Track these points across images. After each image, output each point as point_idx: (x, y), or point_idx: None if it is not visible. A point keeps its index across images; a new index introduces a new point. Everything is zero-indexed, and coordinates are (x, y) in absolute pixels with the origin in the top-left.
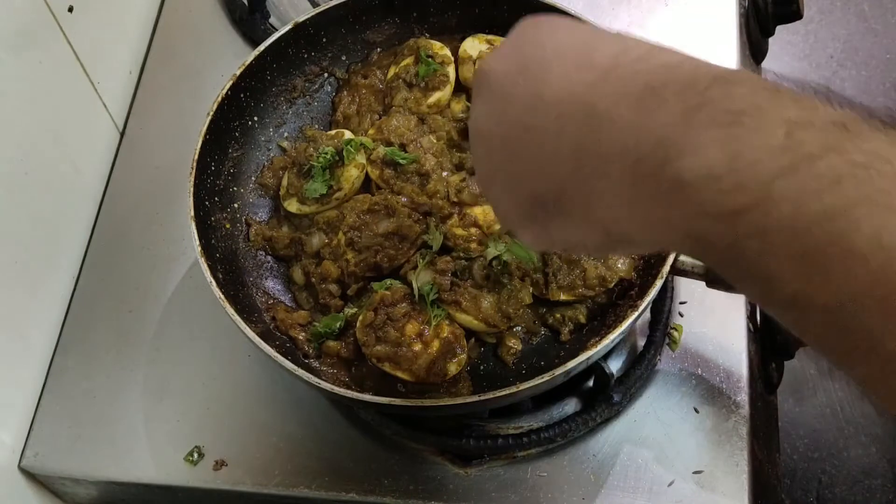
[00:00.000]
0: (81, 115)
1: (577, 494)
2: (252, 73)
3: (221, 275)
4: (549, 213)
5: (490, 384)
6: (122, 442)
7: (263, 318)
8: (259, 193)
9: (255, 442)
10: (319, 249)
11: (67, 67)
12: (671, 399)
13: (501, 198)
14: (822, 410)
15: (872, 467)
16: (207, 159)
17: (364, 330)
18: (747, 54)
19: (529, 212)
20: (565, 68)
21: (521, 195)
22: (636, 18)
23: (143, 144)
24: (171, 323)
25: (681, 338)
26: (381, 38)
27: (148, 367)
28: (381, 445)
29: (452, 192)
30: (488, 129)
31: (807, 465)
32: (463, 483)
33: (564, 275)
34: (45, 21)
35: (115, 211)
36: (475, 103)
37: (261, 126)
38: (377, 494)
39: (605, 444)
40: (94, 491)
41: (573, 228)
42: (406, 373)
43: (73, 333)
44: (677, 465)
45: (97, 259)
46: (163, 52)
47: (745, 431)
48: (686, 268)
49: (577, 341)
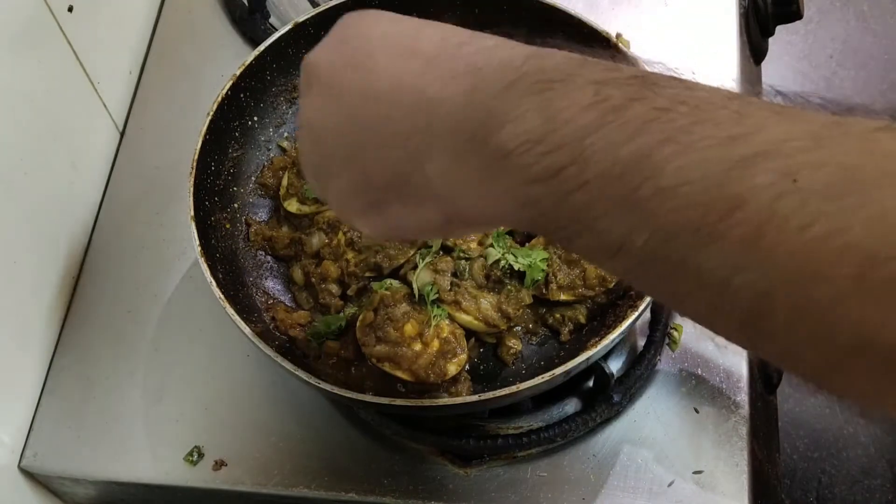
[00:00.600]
0: (81, 115)
1: (577, 494)
2: (252, 73)
3: (221, 275)
4: (387, 199)
5: (490, 384)
6: (122, 442)
7: (263, 318)
8: (259, 193)
9: (254, 442)
10: (319, 249)
11: (67, 67)
12: (671, 399)
13: (337, 190)
14: (822, 410)
15: (872, 467)
16: (207, 159)
17: (364, 330)
18: (747, 54)
19: (367, 201)
20: (391, 58)
21: (358, 185)
22: (636, 18)
23: (143, 144)
24: (171, 323)
25: (681, 338)
26: None
27: (148, 367)
28: (381, 445)
29: None
30: (320, 123)
31: (807, 465)
32: (463, 483)
33: (564, 275)
34: (45, 21)
35: (115, 211)
36: (304, 98)
37: (261, 126)
38: (377, 494)
39: (605, 444)
40: (94, 491)
41: (411, 214)
42: (406, 373)
43: (73, 333)
44: (677, 465)
45: (97, 259)
46: (163, 52)
47: (745, 431)
48: None
49: (577, 341)
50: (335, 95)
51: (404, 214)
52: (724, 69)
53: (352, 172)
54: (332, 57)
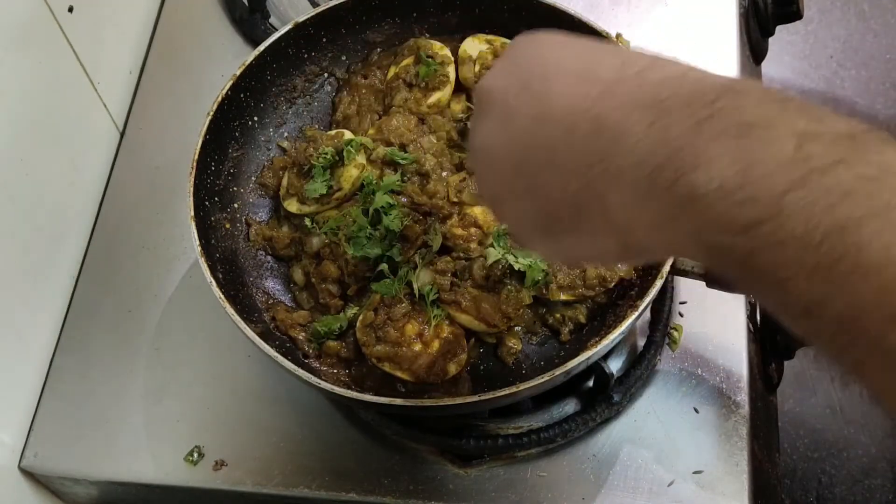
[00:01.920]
0: (81, 115)
1: (577, 494)
2: (252, 73)
3: (221, 275)
4: (564, 227)
5: (490, 384)
6: (122, 442)
7: (263, 318)
8: (259, 193)
9: (255, 442)
10: (319, 249)
11: (67, 67)
12: (671, 399)
13: (513, 215)
14: (822, 410)
15: (872, 467)
16: (207, 159)
17: (364, 330)
18: (747, 54)
19: (543, 227)
20: (569, 82)
21: (534, 211)
22: (636, 18)
23: (143, 144)
24: (171, 323)
25: (681, 338)
26: (381, 38)
27: (148, 367)
28: (381, 445)
29: (452, 192)
30: (494, 147)
31: (807, 465)
32: (463, 483)
33: (564, 275)
34: (45, 21)
35: (115, 211)
36: (477, 121)
37: (261, 126)
38: (377, 494)
39: (605, 444)
40: (94, 491)
41: (588, 242)
42: (406, 373)
43: (73, 333)
44: (677, 465)
45: (97, 259)
46: (163, 52)
47: (745, 431)
48: (686, 268)
49: (577, 341)
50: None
51: (582, 243)
52: (724, 69)
53: (528, 200)
54: (505, 80)
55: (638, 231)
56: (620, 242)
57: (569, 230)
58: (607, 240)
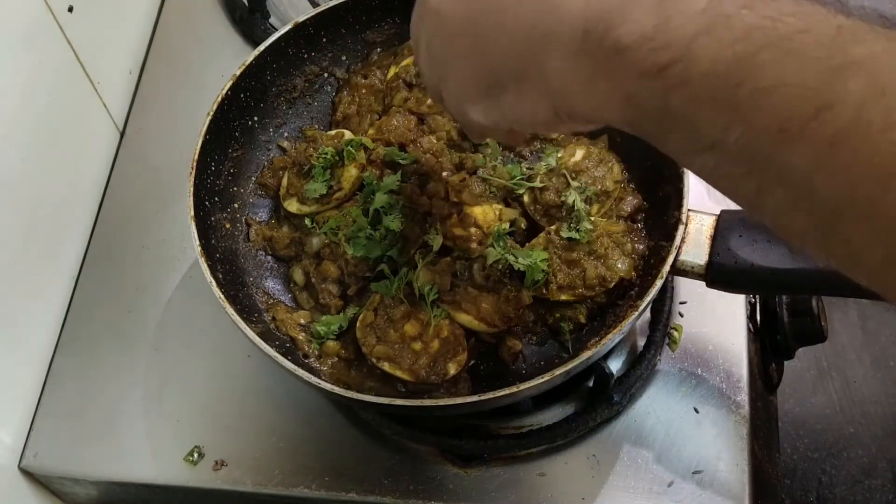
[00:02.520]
0: (81, 115)
1: (577, 494)
2: (252, 73)
3: (221, 275)
4: (503, 87)
5: (490, 384)
6: (122, 442)
7: (263, 318)
8: (259, 193)
9: (255, 442)
10: (319, 249)
11: (67, 67)
12: (671, 399)
13: (455, 76)
14: (822, 410)
15: (872, 467)
16: (207, 159)
17: (364, 330)
18: None
19: (484, 88)
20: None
21: (479, 70)
22: None
23: (143, 144)
24: (171, 323)
25: (681, 338)
26: (381, 38)
27: (148, 367)
28: (381, 445)
29: (452, 193)
30: (447, 9)
31: (807, 465)
32: (463, 483)
33: (564, 275)
34: (45, 21)
35: (115, 211)
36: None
37: (261, 126)
38: (377, 494)
39: (605, 444)
40: (94, 491)
41: (524, 103)
42: (406, 373)
43: (73, 333)
44: (677, 465)
45: (97, 259)
46: (163, 52)
47: (745, 431)
48: (686, 268)
49: (577, 341)
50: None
51: (517, 103)
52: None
53: (473, 57)
54: None
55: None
56: (553, 106)
57: (507, 91)
58: (541, 103)
